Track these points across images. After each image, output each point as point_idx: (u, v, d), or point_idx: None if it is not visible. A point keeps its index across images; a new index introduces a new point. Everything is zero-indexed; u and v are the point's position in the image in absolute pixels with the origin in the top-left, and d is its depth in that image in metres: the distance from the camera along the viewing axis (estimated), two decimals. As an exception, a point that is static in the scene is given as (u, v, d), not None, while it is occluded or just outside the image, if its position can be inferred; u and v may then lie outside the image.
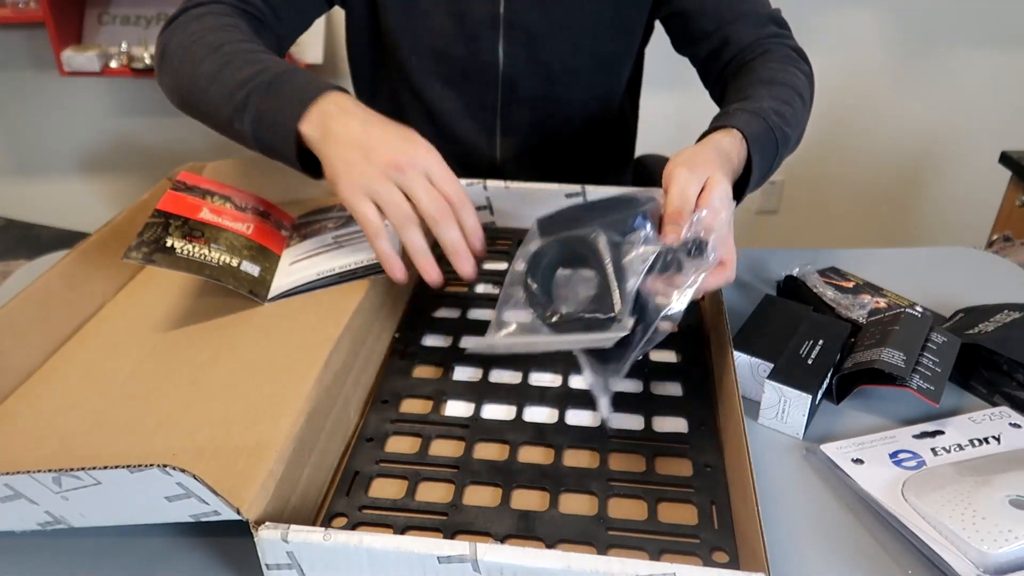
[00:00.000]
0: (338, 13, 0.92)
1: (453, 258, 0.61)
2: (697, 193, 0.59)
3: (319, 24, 1.82)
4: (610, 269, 0.56)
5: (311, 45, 1.87)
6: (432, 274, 0.62)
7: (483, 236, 0.63)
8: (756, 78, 0.78)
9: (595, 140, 0.99)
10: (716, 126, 0.69)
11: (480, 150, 0.95)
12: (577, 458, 0.56)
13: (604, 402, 0.54)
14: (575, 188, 0.83)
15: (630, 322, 0.54)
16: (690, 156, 0.62)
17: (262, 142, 0.66)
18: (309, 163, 0.66)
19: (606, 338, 0.54)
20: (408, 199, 0.60)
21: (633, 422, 0.59)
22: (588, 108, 0.96)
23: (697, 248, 0.56)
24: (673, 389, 0.62)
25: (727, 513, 0.51)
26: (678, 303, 0.54)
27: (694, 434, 0.57)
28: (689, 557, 0.48)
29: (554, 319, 0.56)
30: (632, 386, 0.62)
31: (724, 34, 0.84)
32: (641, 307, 0.55)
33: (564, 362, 0.64)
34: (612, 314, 0.54)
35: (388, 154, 0.60)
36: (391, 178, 0.60)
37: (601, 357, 0.55)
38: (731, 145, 0.66)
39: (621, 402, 0.60)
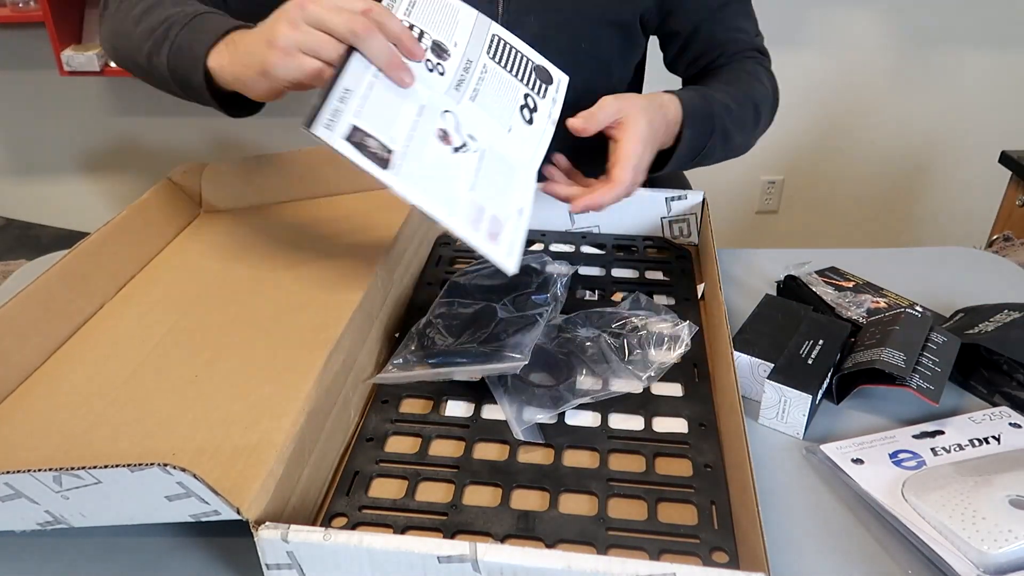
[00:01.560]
0: None
1: (388, 70, 0.57)
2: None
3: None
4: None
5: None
6: (401, 80, 0.57)
7: (412, 37, 0.59)
8: (719, 77, 0.87)
9: (595, 141, 0.99)
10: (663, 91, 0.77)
11: None
12: (577, 458, 0.56)
13: (517, 429, 0.57)
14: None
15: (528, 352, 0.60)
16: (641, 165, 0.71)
17: (175, 72, 0.67)
18: (235, 102, 0.67)
19: (507, 367, 0.59)
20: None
21: (633, 422, 0.59)
22: (586, 107, 0.95)
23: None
24: (673, 389, 0.62)
25: (727, 513, 0.51)
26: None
27: (694, 434, 0.58)
28: (689, 557, 0.48)
29: (456, 349, 0.62)
30: (633, 386, 0.62)
31: (712, 56, 0.91)
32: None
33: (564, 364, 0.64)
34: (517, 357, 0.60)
35: (283, 11, 0.57)
36: (301, 20, 0.55)
37: (516, 389, 0.60)
38: (670, 108, 0.76)
39: (621, 402, 0.60)
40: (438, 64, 0.61)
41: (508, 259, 0.56)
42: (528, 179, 0.63)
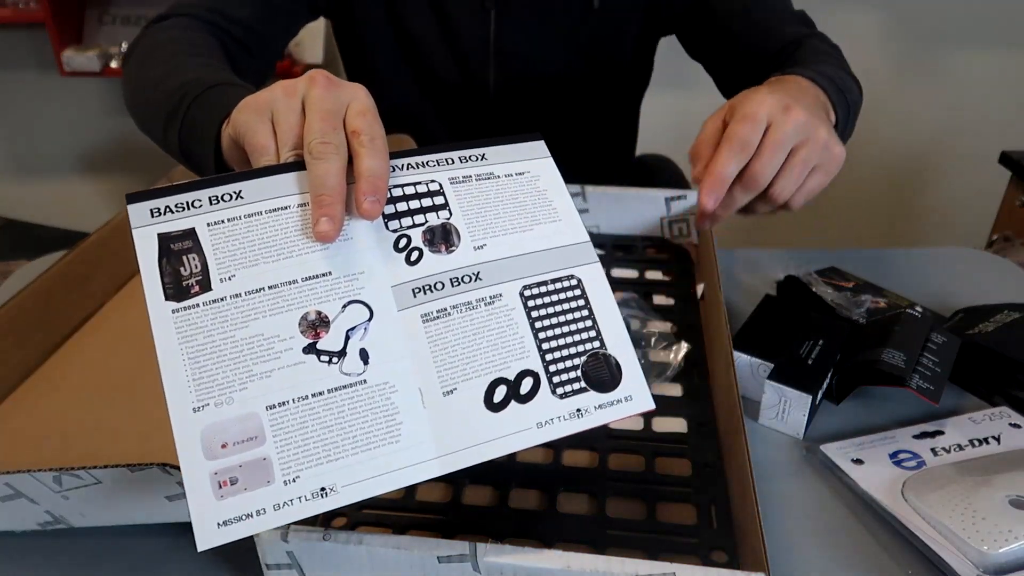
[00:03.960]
0: None
1: (312, 204, 0.42)
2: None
3: (319, 25, 1.82)
4: None
5: (310, 46, 1.87)
6: (319, 222, 0.42)
7: (383, 187, 0.43)
8: (806, 56, 0.75)
9: (594, 150, 0.98)
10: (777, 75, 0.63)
11: None
12: (576, 458, 0.56)
13: None
14: (575, 188, 0.84)
15: None
16: (784, 93, 0.55)
17: (188, 156, 0.59)
18: None
19: None
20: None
21: (632, 422, 0.59)
22: (585, 124, 0.95)
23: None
24: (673, 389, 0.62)
25: (727, 513, 0.51)
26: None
27: (694, 434, 0.57)
28: (688, 557, 0.48)
29: None
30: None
31: (763, 29, 0.80)
32: None
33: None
34: None
35: (303, 78, 0.46)
36: (300, 92, 0.45)
37: None
38: (787, 79, 0.62)
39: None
40: (416, 248, 0.44)
41: (211, 530, 0.36)
42: (404, 469, 0.40)
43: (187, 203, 0.42)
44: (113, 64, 1.85)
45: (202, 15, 0.74)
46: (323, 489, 0.38)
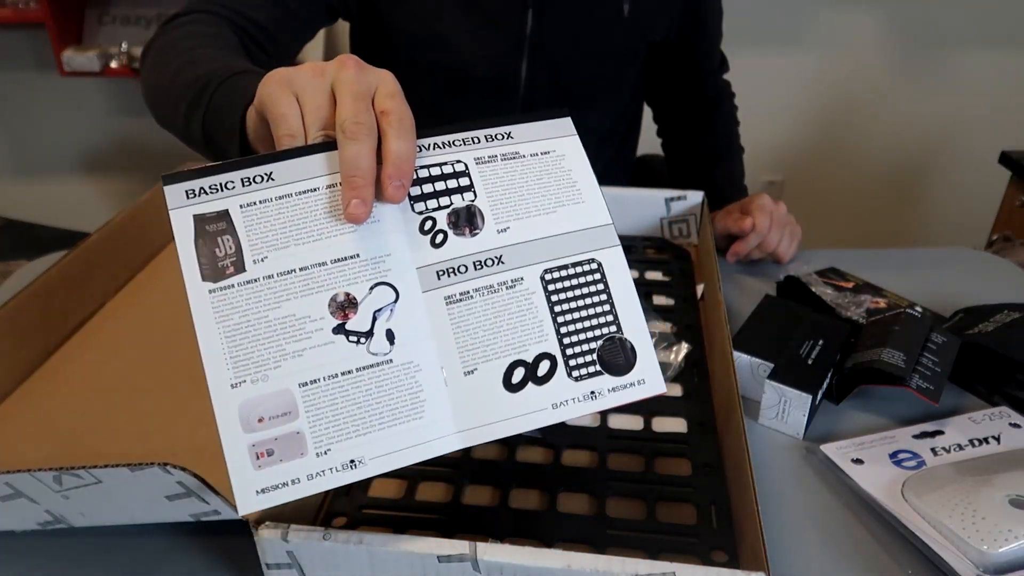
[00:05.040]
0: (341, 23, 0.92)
1: (344, 186, 0.42)
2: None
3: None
4: None
5: (311, 46, 1.87)
6: (350, 203, 0.42)
7: (409, 170, 0.43)
8: (730, 146, 1.04)
9: (603, 151, 1.00)
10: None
11: None
12: (576, 458, 0.56)
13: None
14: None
15: None
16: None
17: (211, 141, 0.59)
18: None
19: None
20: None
21: (632, 422, 0.59)
22: (600, 125, 0.97)
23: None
24: (673, 389, 0.62)
25: (726, 513, 0.51)
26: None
27: (694, 434, 0.57)
28: (688, 556, 0.47)
29: None
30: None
31: (707, 70, 1.02)
32: None
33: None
34: None
35: (333, 61, 0.46)
36: (329, 73, 0.45)
37: None
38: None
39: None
40: (442, 231, 0.45)
41: (251, 498, 0.39)
42: (426, 443, 0.42)
43: (220, 184, 0.42)
44: (113, 64, 1.85)
45: (220, 11, 0.74)
46: (352, 461, 0.40)
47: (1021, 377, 0.63)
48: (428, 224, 0.44)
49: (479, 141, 0.47)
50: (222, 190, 0.42)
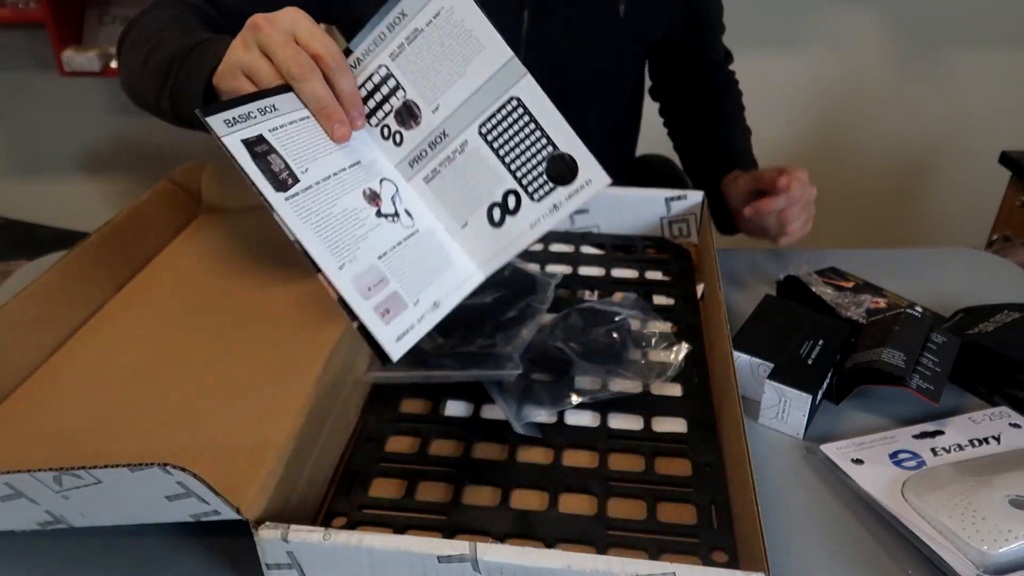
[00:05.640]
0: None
1: (319, 118, 0.52)
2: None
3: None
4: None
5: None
6: (333, 130, 0.52)
7: (357, 102, 0.53)
8: (738, 123, 1.00)
9: (604, 151, 0.99)
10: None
11: None
12: (576, 458, 0.56)
13: (516, 424, 0.57)
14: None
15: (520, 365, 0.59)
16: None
17: (179, 113, 0.63)
18: None
19: (502, 375, 0.59)
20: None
21: (632, 422, 0.59)
22: (599, 125, 0.97)
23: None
24: (673, 389, 0.62)
25: (727, 513, 0.51)
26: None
27: (694, 434, 0.57)
28: (688, 556, 0.48)
29: (447, 351, 0.61)
30: (631, 386, 0.62)
31: (701, 76, 1.01)
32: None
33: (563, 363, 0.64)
34: (506, 351, 0.59)
35: (247, 25, 0.53)
36: (253, 42, 0.53)
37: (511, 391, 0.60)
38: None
39: (621, 402, 0.60)
40: (396, 132, 0.55)
41: (395, 344, 0.49)
42: (464, 282, 0.54)
43: (247, 114, 0.50)
44: (113, 64, 1.84)
45: (190, 1, 0.77)
46: (435, 303, 0.52)
47: (1021, 377, 0.63)
48: (385, 131, 0.55)
49: (385, 36, 0.54)
50: (249, 118, 0.50)
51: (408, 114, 0.54)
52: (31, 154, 2.19)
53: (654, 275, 0.78)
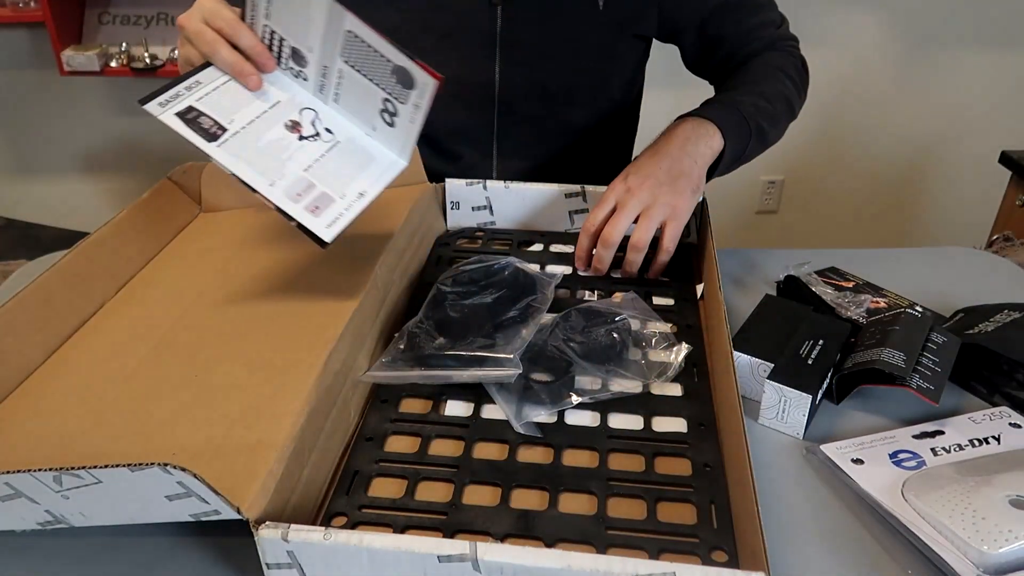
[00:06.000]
0: None
1: (235, 77, 0.64)
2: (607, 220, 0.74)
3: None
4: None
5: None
6: (246, 83, 0.64)
7: (263, 50, 0.64)
8: (745, 77, 0.87)
9: (594, 151, 0.98)
10: (692, 113, 0.80)
11: (477, 170, 0.94)
12: (576, 458, 0.56)
13: (516, 424, 0.58)
14: (575, 188, 0.84)
15: (519, 365, 0.60)
16: (636, 173, 0.75)
17: None
18: None
19: (502, 375, 0.60)
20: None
21: (632, 422, 0.59)
22: (587, 124, 0.95)
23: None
24: (673, 389, 0.62)
25: (727, 513, 0.51)
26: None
27: (694, 434, 0.57)
28: (688, 556, 0.48)
29: (447, 351, 0.62)
30: (631, 386, 0.62)
31: (734, 55, 0.92)
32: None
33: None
34: (506, 355, 0.61)
35: (177, 23, 0.67)
36: (184, 38, 0.66)
37: (511, 390, 0.61)
38: (695, 132, 0.77)
39: (621, 402, 0.60)
40: (301, 71, 0.66)
41: (326, 230, 0.60)
42: (387, 168, 0.66)
43: (176, 94, 0.61)
44: (113, 64, 1.85)
45: None
46: (360, 193, 0.63)
47: (1021, 377, 0.63)
48: (292, 72, 0.67)
49: (257, 1, 0.63)
50: (178, 96, 0.61)
51: (298, 56, 0.65)
52: (31, 154, 2.19)
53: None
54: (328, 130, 0.66)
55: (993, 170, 1.65)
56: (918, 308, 0.72)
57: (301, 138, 0.64)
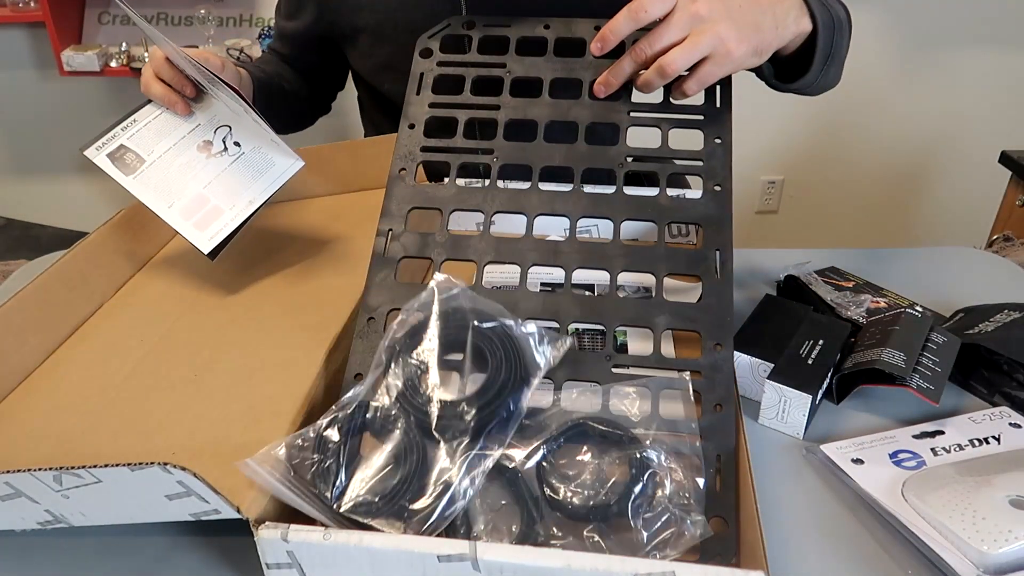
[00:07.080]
0: None
1: (168, 106, 0.72)
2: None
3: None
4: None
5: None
6: (173, 109, 0.73)
7: (180, 79, 0.72)
8: None
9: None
10: None
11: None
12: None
13: None
14: (570, 188, 0.83)
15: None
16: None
17: None
18: None
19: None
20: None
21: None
22: (577, 120, 0.94)
23: None
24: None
25: (728, 513, 0.50)
26: None
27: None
28: (688, 556, 0.47)
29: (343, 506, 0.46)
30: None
31: None
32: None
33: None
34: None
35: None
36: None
37: None
38: (793, 2, 0.67)
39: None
40: (215, 94, 0.73)
41: (207, 243, 0.67)
42: (281, 175, 0.72)
43: (112, 136, 0.72)
44: (113, 64, 1.84)
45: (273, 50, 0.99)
46: (249, 201, 0.69)
47: (1021, 377, 0.63)
48: (212, 96, 0.73)
49: (157, 37, 0.68)
50: (112, 138, 0.72)
51: (217, 83, 0.69)
52: (31, 154, 2.19)
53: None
54: (237, 143, 0.72)
55: (993, 170, 1.65)
56: (918, 308, 0.72)
57: (210, 156, 0.71)
